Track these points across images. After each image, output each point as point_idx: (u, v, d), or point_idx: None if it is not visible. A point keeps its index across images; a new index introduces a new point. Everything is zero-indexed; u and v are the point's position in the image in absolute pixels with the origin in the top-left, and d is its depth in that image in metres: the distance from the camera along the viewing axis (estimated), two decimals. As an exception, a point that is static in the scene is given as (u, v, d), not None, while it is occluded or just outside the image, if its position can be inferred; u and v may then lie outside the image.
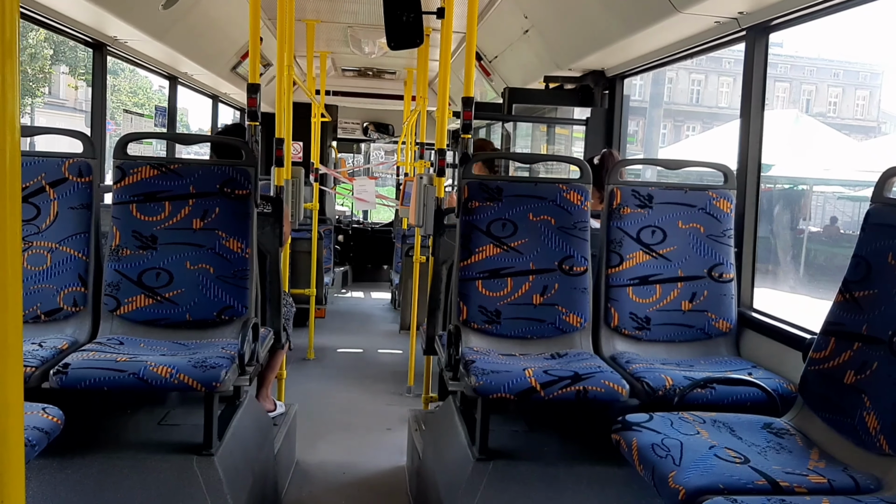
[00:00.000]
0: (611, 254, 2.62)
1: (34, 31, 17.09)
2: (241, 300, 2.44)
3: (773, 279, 11.04)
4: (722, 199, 2.65)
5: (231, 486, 2.13)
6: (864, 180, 10.13)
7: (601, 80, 4.25)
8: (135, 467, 2.11)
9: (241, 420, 2.43)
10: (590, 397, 2.12)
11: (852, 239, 2.29)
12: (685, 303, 2.60)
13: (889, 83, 32.73)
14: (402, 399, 4.32)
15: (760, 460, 1.70)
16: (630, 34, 3.32)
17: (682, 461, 1.66)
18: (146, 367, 2.04)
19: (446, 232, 3.02)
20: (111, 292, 2.42)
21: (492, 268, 2.60)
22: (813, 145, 11.96)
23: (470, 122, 2.85)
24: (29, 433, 1.64)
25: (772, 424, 1.92)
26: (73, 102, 23.86)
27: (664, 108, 24.19)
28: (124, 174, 2.46)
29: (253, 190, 2.48)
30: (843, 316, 1.88)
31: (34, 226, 2.44)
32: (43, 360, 2.12)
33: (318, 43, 5.81)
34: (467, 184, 2.66)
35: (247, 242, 2.45)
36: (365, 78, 8.17)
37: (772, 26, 2.68)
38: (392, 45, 2.90)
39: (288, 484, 3.10)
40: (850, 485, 1.62)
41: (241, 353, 2.21)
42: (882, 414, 1.65)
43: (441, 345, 2.76)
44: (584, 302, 2.59)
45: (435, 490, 2.49)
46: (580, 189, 2.65)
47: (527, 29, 4.50)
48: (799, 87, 31.68)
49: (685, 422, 1.88)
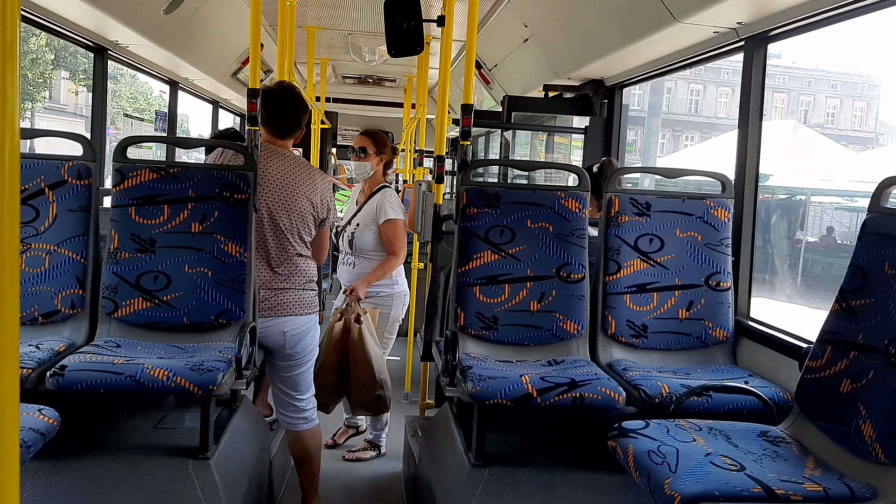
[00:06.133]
0: (608, 261, 2.63)
1: (35, 35, 17.13)
2: (239, 304, 2.44)
3: (771, 289, 11.05)
4: (719, 208, 2.66)
5: (227, 491, 2.13)
6: (862, 191, 10.16)
7: (600, 89, 4.27)
8: (130, 470, 2.11)
9: (237, 424, 2.43)
10: (586, 404, 2.12)
11: (849, 249, 2.30)
12: (682, 311, 2.61)
13: (887, 95, 32.91)
14: (398, 405, 4.30)
15: (756, 468, 1.70)
16: (629, 44, 3.34)
17: (677, 468, 1.66)
18: (143, 369, 2.04)
19: (444, 238, 3.03)
20: (109, 295, 2.42)
21: (489, 274, 2.60)
22: (811, 156, 12.01)
23: (469, 129, 2.87)
24: (24, 434, 1.64)
25: (768, 433, 1.93)
26: (74, 107, 23.89)
27: (663, 117, 24.29)
28: (123, 177, 2.46)
29: (252, 194, 2.48)
30: (839, 325, 1.89)
31: (33, 228, 2.44)
32: (40, 362, 2.12)
33: (319, 50, 5.83)
34: (466, 190, 2.67)
35: (245, 247, 2.45)
36: (365, 85, 8.20)
37: (770, 37, 2.70)
38: (392, 52, 2.91)
39: (283, 489, 3.09)
40: (846, 493, 1.62)
41: (239, 357, 2.21)
42: (877, 422, 1.65)
43: (438, 351, 2.76)
44: (581, 309, 2.59)
45: (431, 496, 2.48)
46: (578, 197, 2.66)
47: (526, 38, 4.52)
48: (797, 97, 31.81)
49: (681, 429, 1.89)
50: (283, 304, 2.58)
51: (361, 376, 3.02)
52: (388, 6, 2.81)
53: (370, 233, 3.38)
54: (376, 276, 3.30)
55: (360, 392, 3.06)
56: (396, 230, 3.37)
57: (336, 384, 3.06)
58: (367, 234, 3.38)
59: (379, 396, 3.06)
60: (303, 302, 2.62)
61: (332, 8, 4.82)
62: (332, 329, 3.07)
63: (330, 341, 3.03)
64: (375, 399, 3.06)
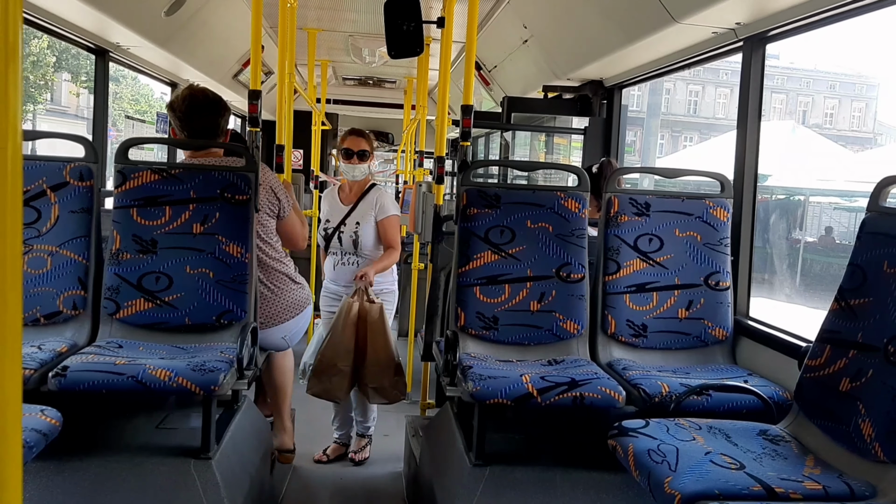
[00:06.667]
0: (608, 261, 2.64)
1: (37, 38, 17.15)
2: (241, 305, 2.44)
3: (770, 288, 11.05)
4: (718, 208, 2.67)
5: (228, 491, 2.13)
6: (860, 191, 10.17)
7: (599, 89, 4.28)
8: (132, 470, 2.12)
9: (239, 424, 2.44)
10: (586, 403, 2.13)
11: (848, 249, 2.30)
12: (682, 310, 2.61)
13: (885, 95, 32.91)
14: (399, 405, 4.30)
15: (756, 467, 1.70)
16: (628, 44, 3.35)
17: (677, 467, 1.67)
18: (145, 370, 2.05)
19: (445, 239, 3.04)
20: (111, 296, 2.43)
21: (489, 274, 2.61)
22: (809, 156, 12.02)
23: (469, 129, 2.88)
24: (27, 435, 1.64)
25: (767, 431, 1.93)
26: (75, 109, 23.90)
27: (662, 118, 24.29)
28: (125, 178, 2.47)
29: (253, 195, 2.49)
30: (838, 324, 1.89)
31: (35, 229, 2.45)
32: (42, 363, 2.13)
33: (319, 51, 5.84)
34: (466, 191, 2.68)
35: (246, 247, 2.46)
36: (365, 87, 8.21)
37: (769, 37, 2.71)
38: (392, 53, 2.92)
39: (285, 489, 3.10)
40: (845, 491, 1.62)
41: (240, 358, 2.22)
42: (877, 421, 1.66)
43: (439, 351, 2.77)
44: (581, 309, 2.60)
45: (431, 496, 2.49)
46: (578, 197, 2.67)
47: (526, 39, 4.53)
48: (795, 98, 31.82)
49: (681, 428, 1.89)
50: (276, 313, 2.72)
51: (383, 358, 3.02)
52: (388, 8, 2.82)
53: (372, 230, 3.41)
54: (382, 266, 3.34)
55: (380, 376, 3.04)
56: (396, 225, 3.47)
57: (352, 370, 3.06)
58: (370, 232, 3.41)
59: (398, 381, 3.07)
60: (293, 303, 2.76)
61: (333, 10, 4.83)
62: (348, 312, 3.03)
63: (345, 325, 3.01)
64: (395, 384, 3.06)
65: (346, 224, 3.44)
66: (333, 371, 2.96)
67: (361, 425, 3.55)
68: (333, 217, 3.48)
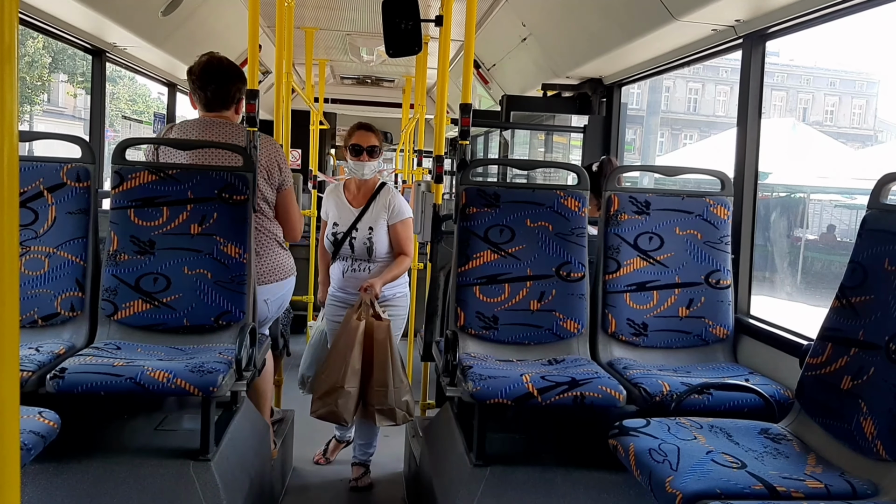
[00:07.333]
0: (608, 260, 2.63)
1: (32, 39, 17.13)
2: (239, 305, 2.44)
3: (771, 286, 11.05)
4: (719, 206, 2.66)
5: (228, 492, 2.13)
6: (861, 188, 10.17)
7: (599, 87, 4.28)
8: (131, 472, 2.11)
9: (238, 425, 2.43)
10: (587, 403, 2.12)
11: (849, 247, 2.30)
12: (682, 309, 2.61)
13: (885, 92, 32.94)
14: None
15: (757, 465, 1.70)
16: (628, 42, 3.34)
17: (679, 466, 1.66)
18: (143, 371, 2.04)
19: (444, 238, 3.03)
20: (109, 297, 2.42)
21: (489, 274, 2.60)
22: (810, 153, 12.02)
23: (468, 128, 2.87)
24: (25, 437, 1.63)
25: (769, 430, 1.93)
26: (72, 110, 23.89)
27: (661, 116, 24.28)
28: (122, 179, 2.46)
29: (251, 195, 2.48)
30: (839, 322, 1.89)
31: (32, 231, 2.44)
32: (40, 365, 2.12)
33: (317, 50, 5.83)
34: (465, 190, 2.67)
35: (245, 248, 2.45)
36: (363, 86, 8.20)
37: (768, 34, 2.70)
38: (391, 52, 2.91)
39: (285, 490, 3.09)
40: (847, 490, 1.62)
41: (239, 359, 2.21)
42: (878, 419, 1.65)
43: (438, 351, 2.76)
44: (581, 308, 2.59)
45: (432, 496, 2.48)
46: (578, 195, 2.66)
47: (525, 37, 4.52)
48: (796, 95, 31.84)
49: (682, 427, 1.89)
50: (261, 273, 2.67)
51: (390, 380, 2.78)
52: (387, 6, 2.81)
53: (385, 234, 3.13)
54: (392, 276, 3.08)
55: (385, 398, 2.79)
56: (410, 230, 3.17)
57: (359, 390, 2.81)
58: (384, 237, 3.13)
59: (406, 402, 2.82)
60: (278, 267, 2.74)
61: (331, 9, 4.82)
62: (355, 331, 2.80)
63: (352, 344, 2.78)
64: (403, 404, 2.81)
65: (358, 229, 3.13)
66: (340, 393, 2.74)
67: (363, 450, 3.20)
68: (342, 220, 3.17)
